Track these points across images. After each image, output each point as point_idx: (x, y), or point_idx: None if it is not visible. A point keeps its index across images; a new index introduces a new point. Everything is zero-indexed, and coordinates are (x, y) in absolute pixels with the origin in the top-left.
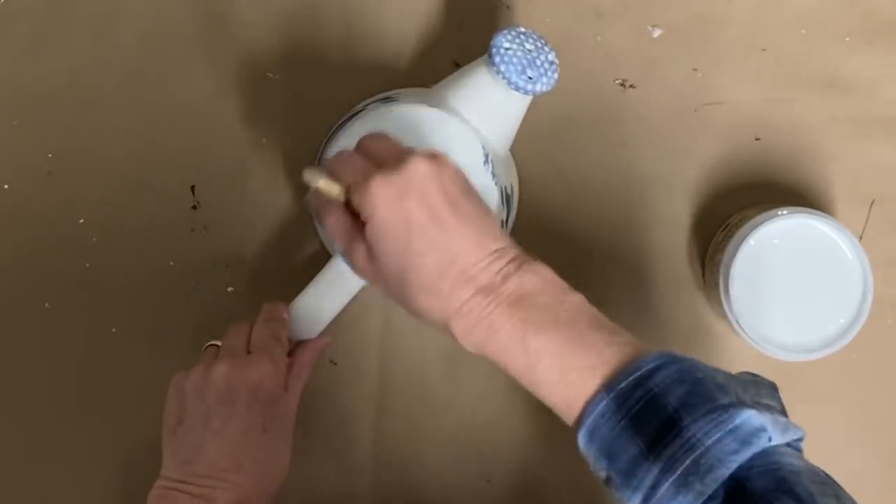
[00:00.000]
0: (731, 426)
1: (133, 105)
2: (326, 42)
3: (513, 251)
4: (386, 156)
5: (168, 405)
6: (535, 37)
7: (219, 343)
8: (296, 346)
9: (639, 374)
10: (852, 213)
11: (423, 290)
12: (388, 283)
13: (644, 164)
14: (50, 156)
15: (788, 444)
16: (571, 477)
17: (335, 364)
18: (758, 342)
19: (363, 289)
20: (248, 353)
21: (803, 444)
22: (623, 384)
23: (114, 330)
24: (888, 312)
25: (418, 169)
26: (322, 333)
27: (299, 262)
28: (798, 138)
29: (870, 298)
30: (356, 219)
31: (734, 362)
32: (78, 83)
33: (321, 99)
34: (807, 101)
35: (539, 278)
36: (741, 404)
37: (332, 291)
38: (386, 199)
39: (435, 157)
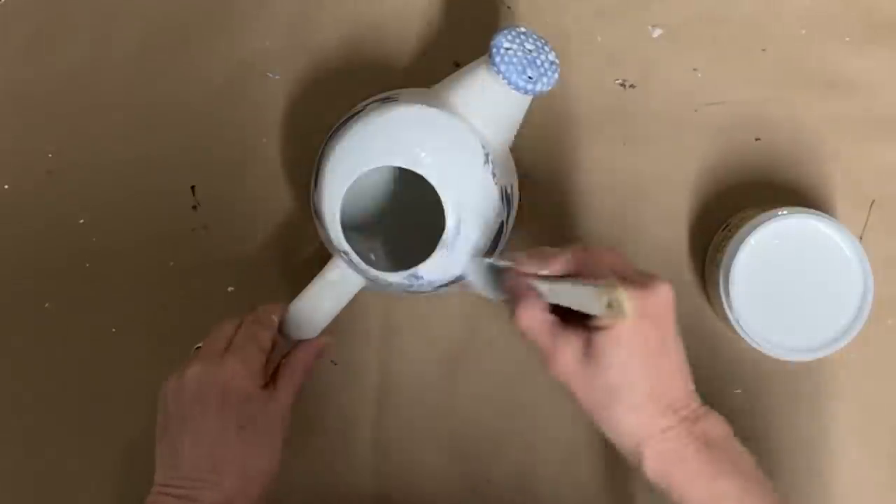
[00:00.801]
0: None
1: (133, 105)
2: (326, 42)
3: (699, 397)
4: (628, 271)
5: (158, 411)
6: (535, 37)
7: None
8: (294, 347)
9: None
10: (852, 213)
11: (633, 407)
12: (593, 390)
13: (644, 163)
14: (50, 156)
15: None
16: (571, 476)
17: (335, 364)
18: (758, 342)
19: (363, 289)
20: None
21: None
22: None
23: (114, 330)
24: (888, 312)
25: (667, 294)
26: (322, 333)
27: (299, 262)
28: (798, 138)
29: (870, 298)
30: (559, 317)
31: (734, 362)
32: (78, 83)
33: (321, 99)
34: (807, 101)
35: (723, 427)
36: None
37: (332, 291)
38: (635, 318)
39: (670, 287)
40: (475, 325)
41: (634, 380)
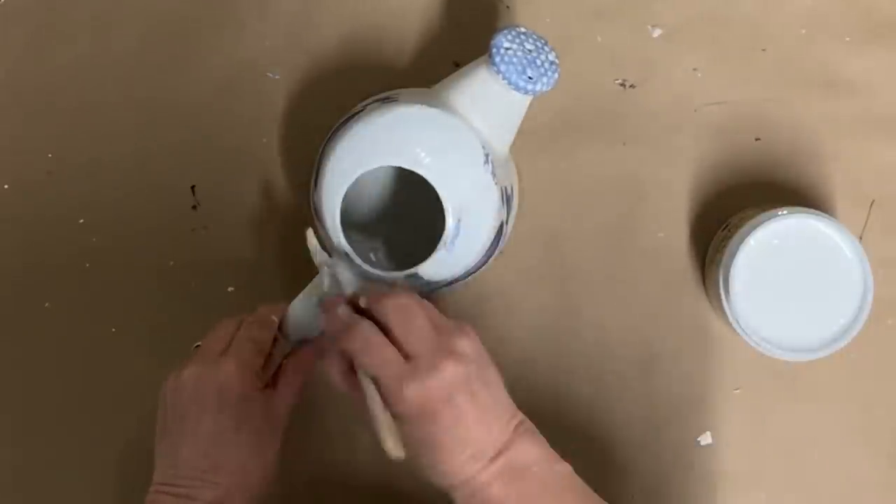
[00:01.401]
0: None
1: (133, 105)
2: (326, 42)
3: (514, 420)
4: (413, 344)
5: (158, 409)
6: (535, 37)
7: None
8: (296, 348)
9: None
10: (852, 213)
11: (435, 468)
12: (410, 447)
13: (644, 163)
14: (50, 156)
15: None
16: None
17: None
18: (758, 342)
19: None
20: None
21: None
22: None
23: (114, 330)
24: (888, 312)
25: (453, 375)
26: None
27: (299, 262)
28: (798, 138)
29: (870, 298)
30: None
31: (734, 362)
32: (78, 83)
33: (321, 99)
34: (807, 101)
35: (535, 448)
36: None
37: (332, 292)
38: (417, 404)
39: (465, 353)
40: (474, 326)
41: (428, 449)
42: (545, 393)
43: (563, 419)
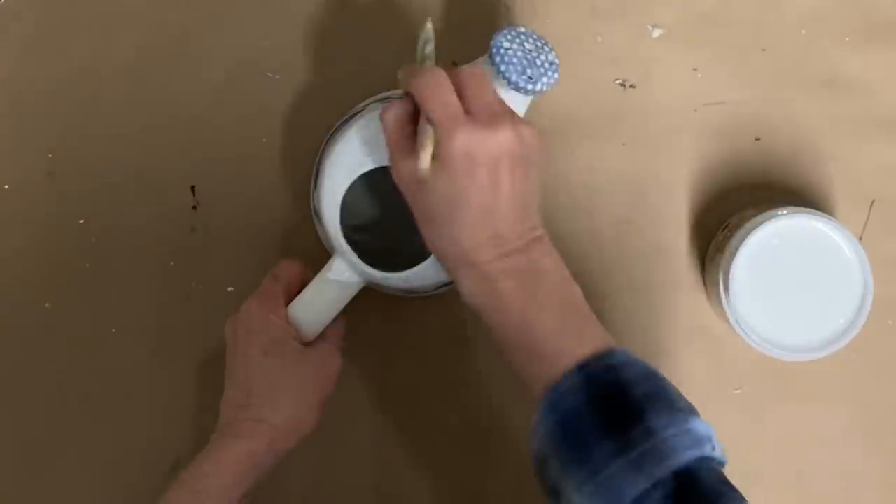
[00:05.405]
0: (687, 427)
1: (133, 105)
2: (326, 42)
3: (538, 228)
4: (479, 105)
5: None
6: (535, 37)
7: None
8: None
9: (612, 362)
10: (852, 213)
11: (455, 236)
12: (426, 210)
13: (644, 163)
14: (50, 156)
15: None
16: None
17: None
18: (758, 342)
19: (363, 289)
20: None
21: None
22: (595, 367)
23: (114, 330)
24: (888, 312)
25: (505, 141)
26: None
27: None
28: (798, 138)
29: (870, 298)
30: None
31: (734, 362)
32: (78, 83)
33: (321, 99)
34: (807, 101)
35: (553, 259)
36: (694, 413)
37: (332, 291)
38: (464, 155)
39: (524, 135)
40: (475, 325)
41: (458, 211)
42: None
43: None
